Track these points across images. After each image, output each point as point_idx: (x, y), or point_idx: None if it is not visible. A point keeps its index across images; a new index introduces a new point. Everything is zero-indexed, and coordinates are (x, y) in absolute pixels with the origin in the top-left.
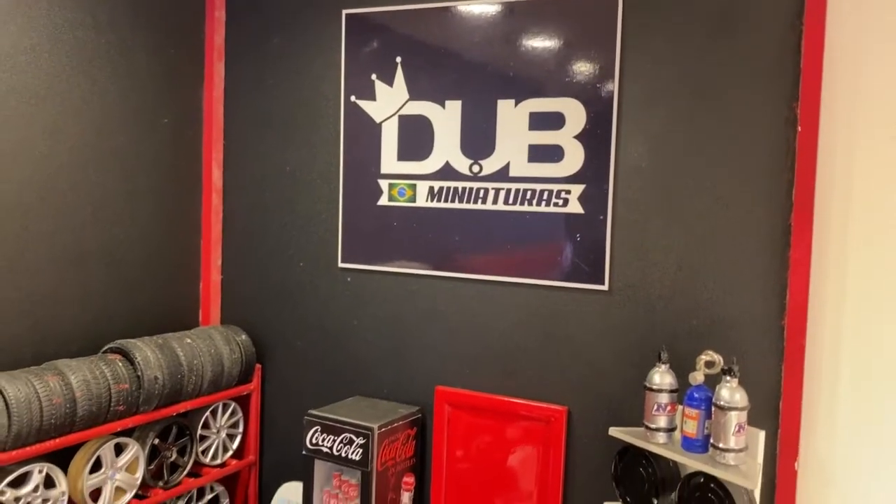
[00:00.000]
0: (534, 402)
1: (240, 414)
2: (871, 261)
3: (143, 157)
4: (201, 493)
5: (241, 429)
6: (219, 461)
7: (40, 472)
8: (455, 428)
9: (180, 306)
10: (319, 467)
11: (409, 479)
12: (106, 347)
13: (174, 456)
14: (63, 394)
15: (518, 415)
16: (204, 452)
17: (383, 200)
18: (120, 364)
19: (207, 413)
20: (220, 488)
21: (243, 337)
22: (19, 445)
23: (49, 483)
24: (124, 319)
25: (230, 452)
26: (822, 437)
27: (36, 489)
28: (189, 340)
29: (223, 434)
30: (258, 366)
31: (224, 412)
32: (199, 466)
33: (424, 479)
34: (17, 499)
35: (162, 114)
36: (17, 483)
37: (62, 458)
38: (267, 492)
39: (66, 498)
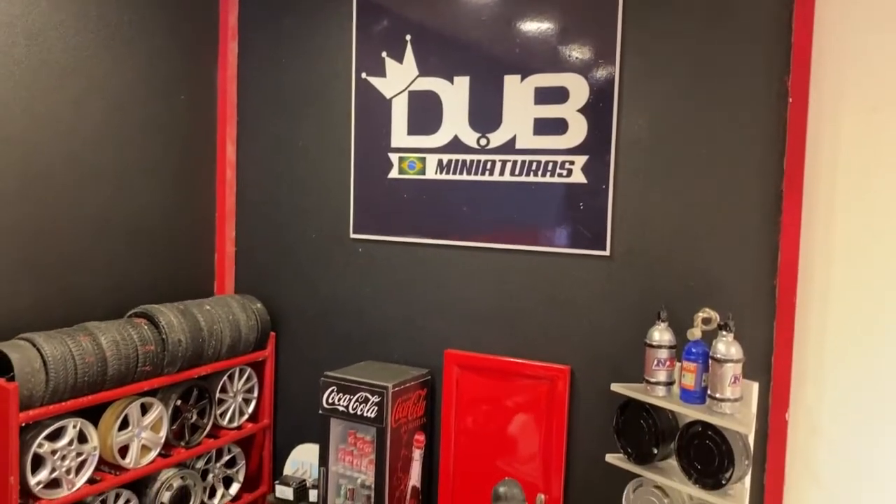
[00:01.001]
0: (538, 362)
1: (255, 379)
2: (857, 224)
3: (160, 133)
4: (219, 453)
5: (255, 394)
6: (235, 424)
7: (74, 427)
8: (463, 388)
9: (197, 275)
10: (335, 426)
11: (420, 437)
12: (131, 312)
13: (194, 417)
14: (95, 353)
15: (523, 374)
16: (222, 415)
17: (394, 173)
18: (145, 327)
19: (225, 377)
20: (236, 450)
21: (258, 305)
22: (55, 401)
23: (82, 438)
24: (145, 287)
25: (246, 416)
26: (811, 389)
27: (70, 443)
28: (208, 307)
29: (239, 398)
30: (272, 333)
31: (240, 377)
32: (217, 429)
33: (434, 436)
34: (54, 451)
35: (179, 90)
36: (54, 437)
37: (93, 416)
38: (280, 454)
39: (97, 453)
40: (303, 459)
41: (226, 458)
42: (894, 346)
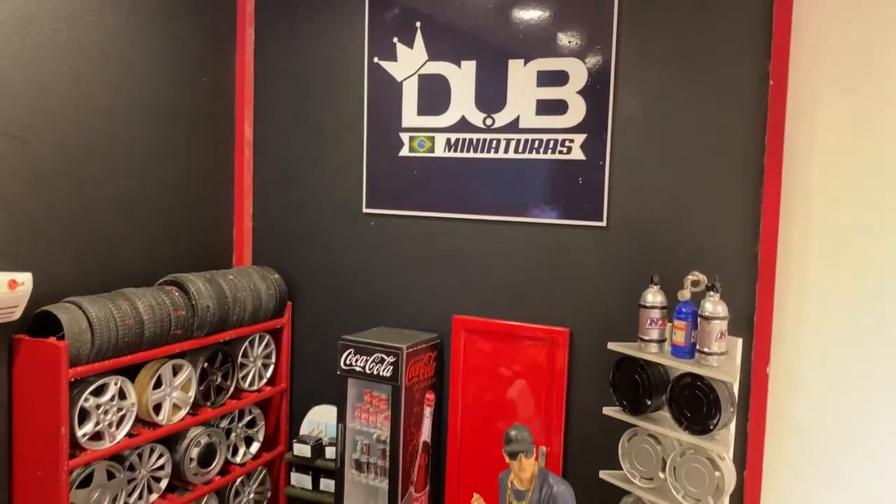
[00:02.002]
0: (540, 325)
1: (273, 346)
2: (833, 196)
3: (184, 114)
4: (241, 414)
5: (273, 359)
6: (255, 387)
7: (115, 384)
8: (470, 350)
9: (217, 248)
10: (351, 386)
11: (431, 396)
12: (162, 280)
13: (219, 380)
14: (133, 316)
15: (526, 337)
16: (243, 378)
17: (404, 151)
18: (176, 294)
19: (246, 343)
20: (256, 411)
21: (276, 276)
22: (100, 359)
23: (122, 395)
24: (171, 258)
25: (265, 380)
26: (790, 345)
27: (112, 399)
28: (231, 277)
29: (259, 363)
30: (289, 303)
31: (260, 343)
32: (238, 391)
33: (443, 395)
34: (98, 406)
35: (201, 74)
36: (98, 392)
37: (130, 375)
38: (296, 416)
39: (135, 409)
40: (318, 420)
41: (247, 418)
42: (868, 305)
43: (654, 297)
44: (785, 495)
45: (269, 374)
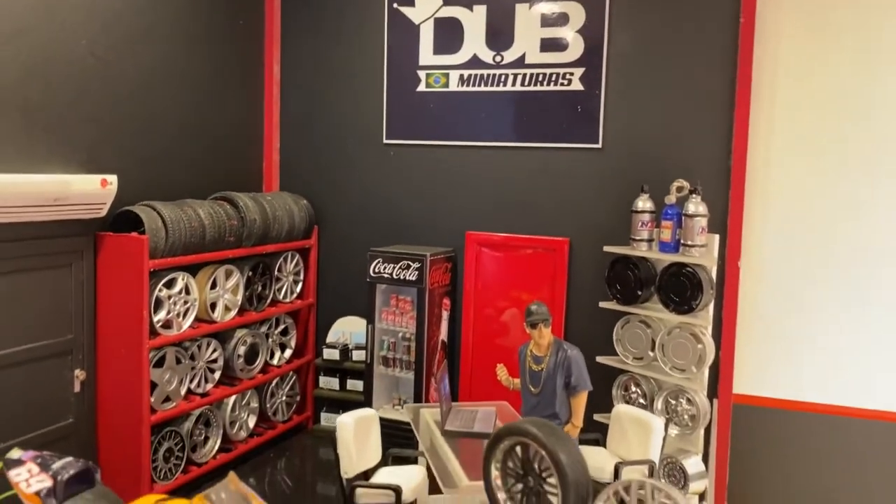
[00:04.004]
0: (543, 236)
1: (302, 264)
2: (794, 118)
3: (224, 54)
4: (277, 321)
5: (302, 276)
6: (288, 300)
7: (182, 279)
8: (481, 261)
9: (249, 176)
10: (379, 292)
11: (447, 301)
12: (213, 195)
13: (260, 289)
14: (197, 220)
15: (530, 247)
16: (278, 291)
17: (421, 87)
18: (228, 207)
19: (281, 259)
20: (289, 321)
21: (304, 201)
22: (171, 255)
23: (187, 290)
24: (213, 179)
25: (295, 294)
26: (758, 243)
27: (180, 292)
28: (269, 198)
29: (291, 279)
30: (315, 227)
31: (291, 261)
32: (275, 302)
33: (456, 301)
34: (169, 297)
35: (238, 17)
36: (169, 285)
37: (192, 275)
38: (322, 327)
39: (196, 304)
40: (343, 329)
41: (281, 327)
42: (825, 207)
43: (643, 203)
44: (752, 367)
45: (298, 289)
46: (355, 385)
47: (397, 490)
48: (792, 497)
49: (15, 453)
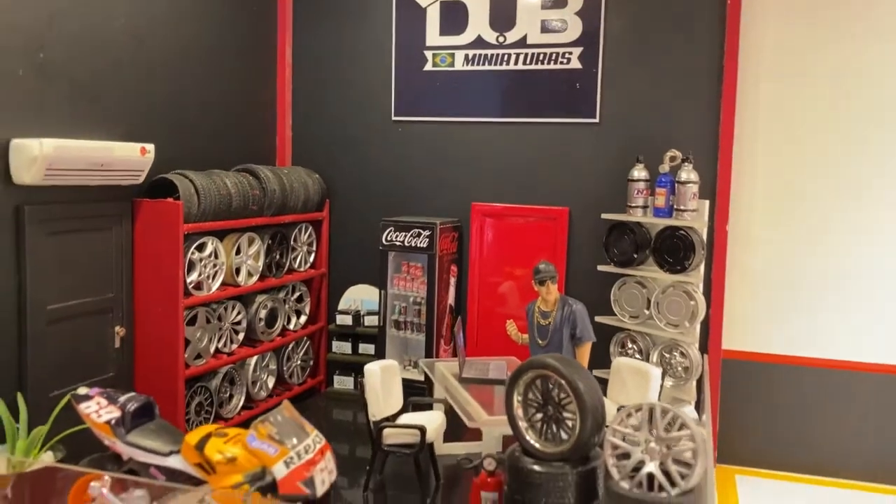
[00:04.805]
0: (544, 206)
1: (314, 236)
2: (777, 91)
3: (241, 37)
4: (293, 289)
5: (315, 247)
6: (303, 269)
7: (212, 243)
8: (485, 231)
9: (264, 151)
10: (391, 260)
11: (454, 268)
12: (236, 167)
13: (278, 257)
14: (224, 189)
15: (532, 217)
16: (294, 260)
17: (428, 67)
18: (250, 177)
19: (296, 230)
20: (303, 288)
21: (317, 176)
22: (202, 220)
23: (216, 254)
24: (232, 152)
25: (309, 264)
26: (745, 208)
27: (210, 255)
28: (286, 171)
29: (304, 249)
30: (327, 200)
31: (305, 232)
32: (290, 270)
33: (462, 268)
34: (200, 259)
35: (254, 3)
36: (200, 248)
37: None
38: (333, 296)
39: (224, 267)
40: (354, 297)
41: (297, 294)
42: (807, 173)
43: (639, 172)
44: (740, 323)
45: (311, 259)
46: (367, 349)
47: (422, 429)
48: (775, 443)
49: (82, 390)
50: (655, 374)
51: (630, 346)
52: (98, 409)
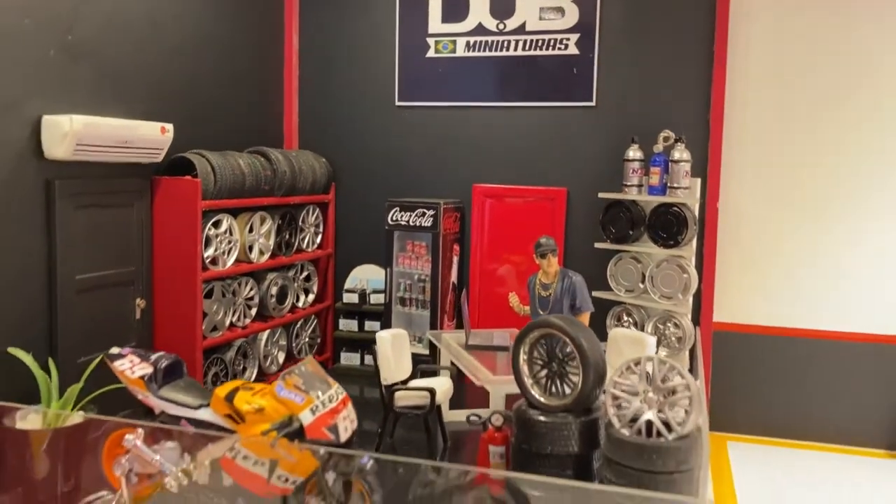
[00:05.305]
0: (543, 186)
1: (321, 218)
2: (765, 74)
3: (251, 25)
4: (302, 268)
5: (322, 229)
6: (310, 249)
7: (227, 220)
8: (486, 211)
9: (273, 136)
10: (396, 239)
11: (456, 247)
12: (248, 149)
13: (287, 236)
14: (238, 168)
15: (531, 197)
16: (302, 240)
17: (431, 53)
18: (262, 159)
19: (304, 211)
20: (311, 268)
21: (324, 159)
22: (218, 198)
23: (230, 231)
24: (242, 136)
25: (316, 245)
26: (735, 187)
27: (225, 232)
28: (295, 154)
29: (312, 230)
30: (333, 183)
31: (313, 213)
32: (299, 250)
33: (464, 247)
34: (216, 235)
35: None
36: (216, 225)
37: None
38: (339, 274)
39: (238, 244)
40: (360, 276)
41: (305, 273)
42: (794, 152)
43: (634, 153)
44: (730, 296)
45: (318, 240)
46: (373, 326)
47: (432, 391)
48: (765, 410)
49: (115, 349)
50: (651, 342)
51: (626, 318)
52: (132, 366)
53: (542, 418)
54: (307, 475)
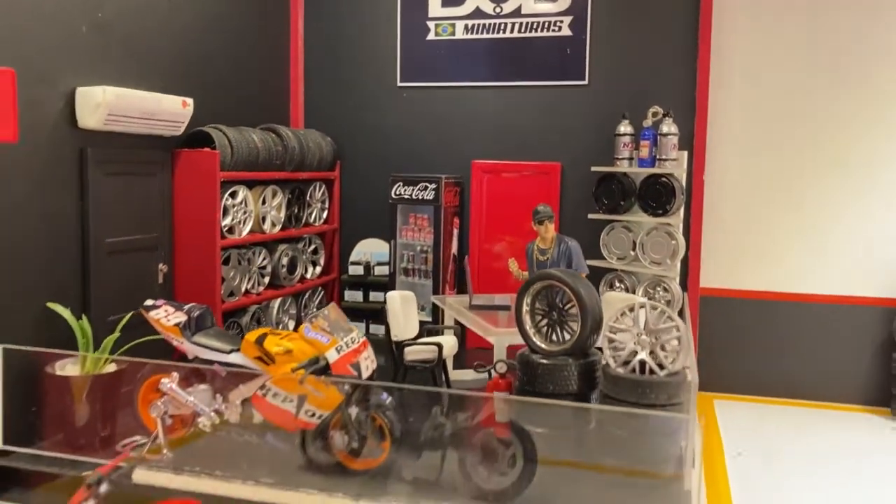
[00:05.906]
0: (538, 162)
1: (327, 194)
2: (749, 53)
3: (258, 8)
4: (309, 241)
5: (327, 204)
6: (317, 224)
7: (243, 192)
8: (485, 186)
9: (280, 114)
10: (399, 212)
11: (456, 221)
12: (260, 126)
13: (296, 210)
14: (253, 143)
15: (527, 172)
16: (310, 215)
17: (431, 36)
18: (273, 135)
19: (312, 187)
20: (318, 241)
21: (329, 138)
22: (235, 170)
23: (245, 202)
24: (252, 114)
25: (322, 220)
26: (720, 159)
27: (241, 203)
28: (302, 132)
29: (318, 205)
30: (338, 161)
31: (319, 190)
32: (307, 224)
33: (464, 221)
34: (233, 206)
35: None
36: (232, 196)
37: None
38: (344, 248)
39: (252, 215)
40: (364, 250)
41: (312, 246)
42: (775, 127)
43: (625, 128)
44: (716, 263)
45: (325, 216)
46: (377, 297)
47: (439, 345)
48: (749, 370)
49: (149, 301)
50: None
51: (618, 285)
52: (167, 315)
53: (543, 361)
54: (332, 410)
